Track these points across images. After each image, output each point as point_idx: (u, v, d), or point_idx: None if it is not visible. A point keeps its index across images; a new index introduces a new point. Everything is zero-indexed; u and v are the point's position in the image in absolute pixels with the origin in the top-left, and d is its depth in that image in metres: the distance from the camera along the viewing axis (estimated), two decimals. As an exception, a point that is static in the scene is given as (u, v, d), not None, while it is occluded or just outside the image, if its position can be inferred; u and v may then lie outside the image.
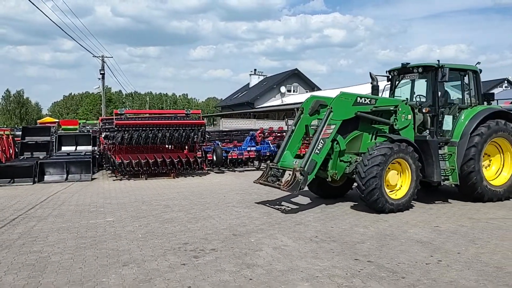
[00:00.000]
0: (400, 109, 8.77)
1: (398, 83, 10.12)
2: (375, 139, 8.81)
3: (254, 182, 8.88)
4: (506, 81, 47.11)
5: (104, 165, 14.95)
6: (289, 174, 7.88)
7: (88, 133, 17.90)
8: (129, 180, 13.44)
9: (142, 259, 5.41)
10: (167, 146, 14.89)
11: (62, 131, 20.42)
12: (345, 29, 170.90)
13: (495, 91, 43.42)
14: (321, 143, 7.96)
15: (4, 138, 14.87)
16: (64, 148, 16.27)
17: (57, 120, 33.66)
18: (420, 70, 9.22)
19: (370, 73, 9.53)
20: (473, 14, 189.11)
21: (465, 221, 7.49)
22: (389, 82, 10.28)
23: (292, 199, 9.51)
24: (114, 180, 13.53)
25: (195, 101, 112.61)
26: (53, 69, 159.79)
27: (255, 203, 9.12)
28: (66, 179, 13.20)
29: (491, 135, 9.02)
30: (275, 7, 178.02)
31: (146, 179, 13.49)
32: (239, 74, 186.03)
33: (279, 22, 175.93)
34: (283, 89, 50.08)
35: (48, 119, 37.41)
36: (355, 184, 8.54)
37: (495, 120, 9.13)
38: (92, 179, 13.54)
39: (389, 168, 8.02)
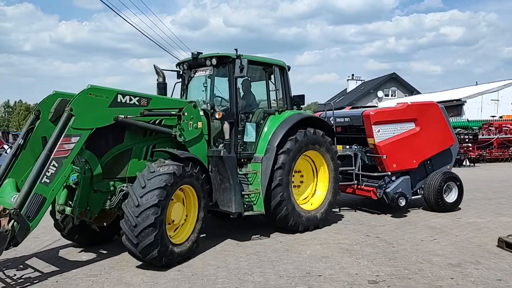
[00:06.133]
0: (186, 114, 6.35)
1: (191, 80, 7.90)
2: (151, 156, 6.21)
3: None
4: None
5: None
6: None
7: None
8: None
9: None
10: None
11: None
12: (464, 26, 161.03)
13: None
14: (54, 166, 5.02)
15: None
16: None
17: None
18: (214, 62, 7.12)
19: (154, 65, 7.48)
20: None
21: (489, 216, 8.47)
22: (180, 79, 8.01)
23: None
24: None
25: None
26: (169, 79, 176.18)
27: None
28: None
29: (300, 150, 7.32)
30: (387, 7, 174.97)
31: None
32: (345, 77, 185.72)
33: (390, 23, 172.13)
34: (380, 93, 50.09)
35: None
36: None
37: (304, 130, 7.38)
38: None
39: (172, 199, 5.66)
